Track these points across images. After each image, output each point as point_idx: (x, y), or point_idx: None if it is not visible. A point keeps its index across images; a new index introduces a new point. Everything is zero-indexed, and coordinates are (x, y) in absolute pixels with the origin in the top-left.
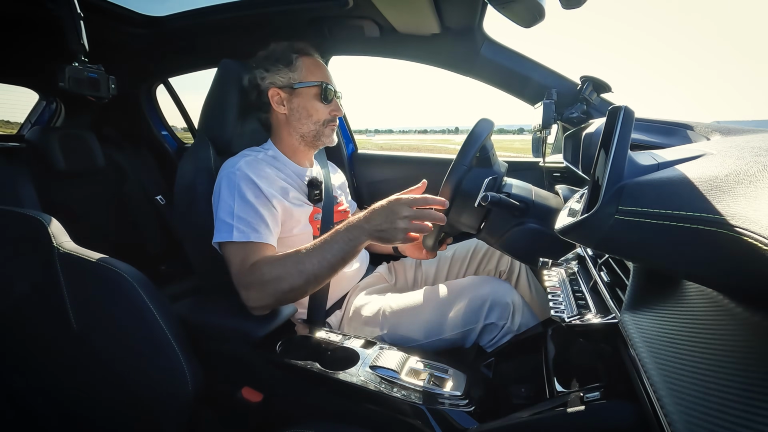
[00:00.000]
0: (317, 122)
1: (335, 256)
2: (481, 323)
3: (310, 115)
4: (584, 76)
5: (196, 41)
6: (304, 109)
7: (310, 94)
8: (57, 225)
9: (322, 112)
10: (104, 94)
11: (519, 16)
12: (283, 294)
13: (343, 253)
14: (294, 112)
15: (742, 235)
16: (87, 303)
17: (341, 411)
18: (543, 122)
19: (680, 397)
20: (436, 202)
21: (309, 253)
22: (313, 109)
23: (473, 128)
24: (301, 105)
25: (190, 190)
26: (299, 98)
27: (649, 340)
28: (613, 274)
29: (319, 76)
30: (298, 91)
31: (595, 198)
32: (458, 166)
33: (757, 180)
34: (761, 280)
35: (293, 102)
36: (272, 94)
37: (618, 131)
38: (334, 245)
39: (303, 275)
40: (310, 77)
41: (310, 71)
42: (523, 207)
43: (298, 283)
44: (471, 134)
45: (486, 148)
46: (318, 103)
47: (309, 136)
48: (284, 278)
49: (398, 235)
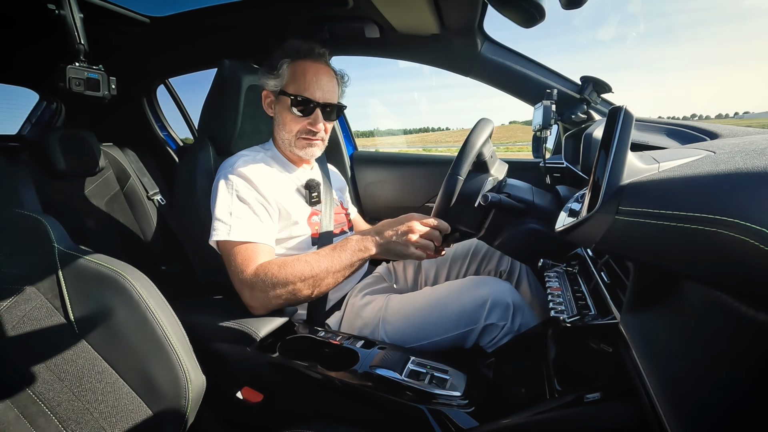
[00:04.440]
0: (290, 132)
1: (343, 265)
2: (482, 323)
3: (285, 124)
4: (584, 76)
5: (196, 41)
6: (281, 117)
7: (286, 103)
8: (57, 225)
9: (295, 124)
10: (104, 94)
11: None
12: (288, 298)
13: (350, 263)
14: (276, 117)
15: (742, 234)
16: (87, 303)
17: (341, 411)
18: (543, 122)
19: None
20: (443, 228)
21: (318, 261)
22: (287, 119)
23: (469, 136)
24: (279, 112)
25: (190, 190)
26: (279, 105)
27: (649, 340)
28: (613, 275)
29: (300, 86)
30: (279, 98)
31: (595, 198)
32: (452, 177)
33: (758, 180)
34: (761, 280)
35: (276, 108)
36: (264, 96)
37: (618, 131)
38: (343, 255)
39: (311, 281)
40: (290, 87)
41: (292, 79)
42: (523, 207)
43: (305, 288)
44: (467, 142)
45: (483, 153)
46: (291, 114)
47: (286, 144)
48: (292, 283)
49: (409, 252)
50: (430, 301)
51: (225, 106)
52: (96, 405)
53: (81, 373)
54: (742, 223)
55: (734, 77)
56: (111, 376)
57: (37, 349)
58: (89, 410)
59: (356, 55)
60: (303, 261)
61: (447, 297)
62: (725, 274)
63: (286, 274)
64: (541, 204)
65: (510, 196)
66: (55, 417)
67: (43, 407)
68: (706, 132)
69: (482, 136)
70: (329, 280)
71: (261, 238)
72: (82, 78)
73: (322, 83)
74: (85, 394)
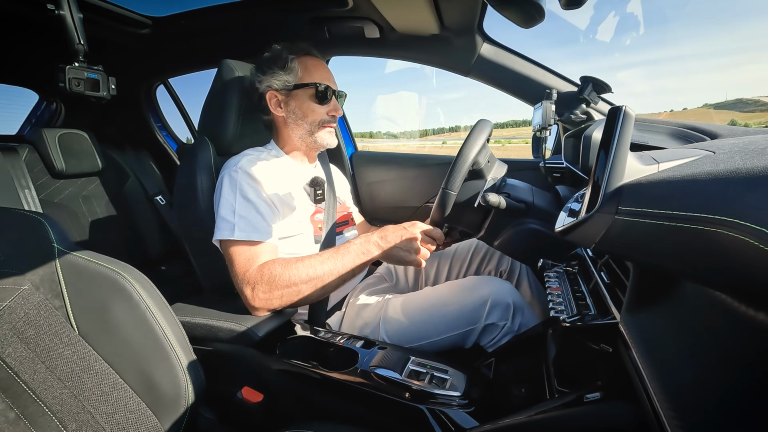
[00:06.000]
0: (313, 123)
1: (346, 266)
2: (482, 323)
3: (306, 116)
4: (584, 76)
5: (196, 41)
6: (300, 110)
7: (305, 95)
8: (57, 225)
9: (318, 113)
10: (104, 94)
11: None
12: (290, 298)
13: (353, 265)
14: (291, 113)
15: (742, 234)
16: (87, 303)
17: (341, 411)
18: (543, 122)
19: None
20: (440, 238)
21: (322, 262)
22: (308, 110)
23: (462, 147)
24: (297, 106)
25: (190, 190)
26: (295, 100)
27: (649, 340)
28: (613, 275)
29: (316, 76)
30: (294, 93)
31: (595, 198)
32: (444, 192)
33: (757, 180)
34: (761, 280)
35: (290, 104)
36: (270, 97)
37: (618, 131)
38: (347, 257)
39: (313, 282)
40: (306, 78)
41: (306, 72)
42: (523, 207)
43: (307, 289)
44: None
45: (478, 162)
46: (313, 104)
47: (306, 137)
48: (296, 284)
49: (411, 258)
50: (430, 301)
51: (225, 106)
52: (96, 405)
53: (81, 373)
54: (742, 223)
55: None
56: (111, 376)
57: (36, 349)
58: (89, 410)
59: (356, 55)
60: (306, 263)
61: (447, 297)
62: (725, 274)
63: (289, 275)
64: (540, 204)
65: (510, 197)
66: (55, 417)
67: (43, 407)
68: (706, 132)
69: (476, 146)
70: (331, 282)
71: (265, 236)
72: (82, 78)
73: (329, 73)
74: (85, 394)
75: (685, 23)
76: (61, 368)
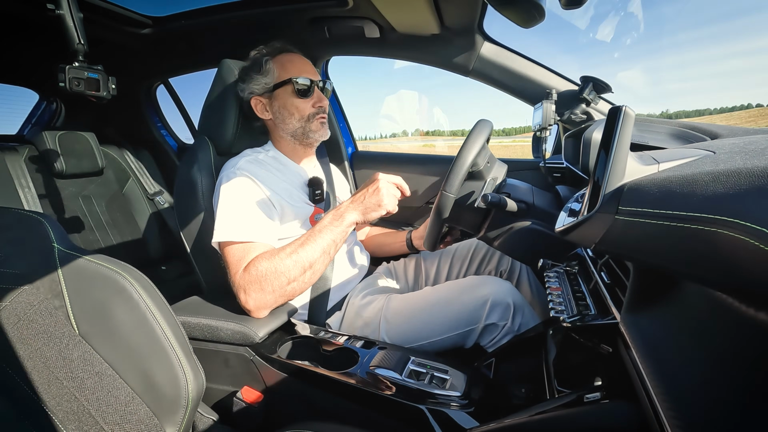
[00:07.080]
0: (301, 118)
1: (325, 239)
2: (482, 323)
3: (292, 113)
4: (584, 76)
5: (196, 41)
6: (285, 109)
7: (286, 93)
8: (57, 225)
9: (303, 108)
10: (104, 94)
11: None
12: (282, 288)
13: (333, 236)
14: (277, 114)
15: (742, 234)
16: (87, 303)
17: (341, 411)
18: (543, 122)
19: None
20: (399, 185)
21: (302, 243)
22: (293, 107)
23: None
24: (281, 106)
25: (190, 190)
26: (278, 100)
27: (649, 340)
28: (613, 275)
29: (292, 71)
30: (275, 93)
31: (595, 198)
32: (443, 195)
33: (757, 180)
34: (761, 280)
35: (274, 105)
36: (254, 104)
37: (618, 131)
38: (324, 229)
39: (299, 265)
40: (283, 75)
41: (282, 69)
42: (524, 208)
43: (294, 273)
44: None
45: (477, 164)
46: (296, 100)
47: (298, 134)
48: (281, 272)
49: (384, 203)
50: (430, 301)
51: (225, 106)
52: (96, 405)
53: (81, 373)
54: (742, 222)
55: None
56: (111, 376)
57: (37, 349)
58: (89, 410)
59: (356, 55)
60: (287, 249)
61: (447, 297)
62: (725, 274)
63: (275, 266)
64: (541, 204)
65: (510, 197)
66: (55, 417)
67: (43, 407)
68: (706, 132)
69: (474, 148)
70: (317, 260)
71: (263, 238)
72: (82, 78)
73: (307, 66)
74: (85, 394)
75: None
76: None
